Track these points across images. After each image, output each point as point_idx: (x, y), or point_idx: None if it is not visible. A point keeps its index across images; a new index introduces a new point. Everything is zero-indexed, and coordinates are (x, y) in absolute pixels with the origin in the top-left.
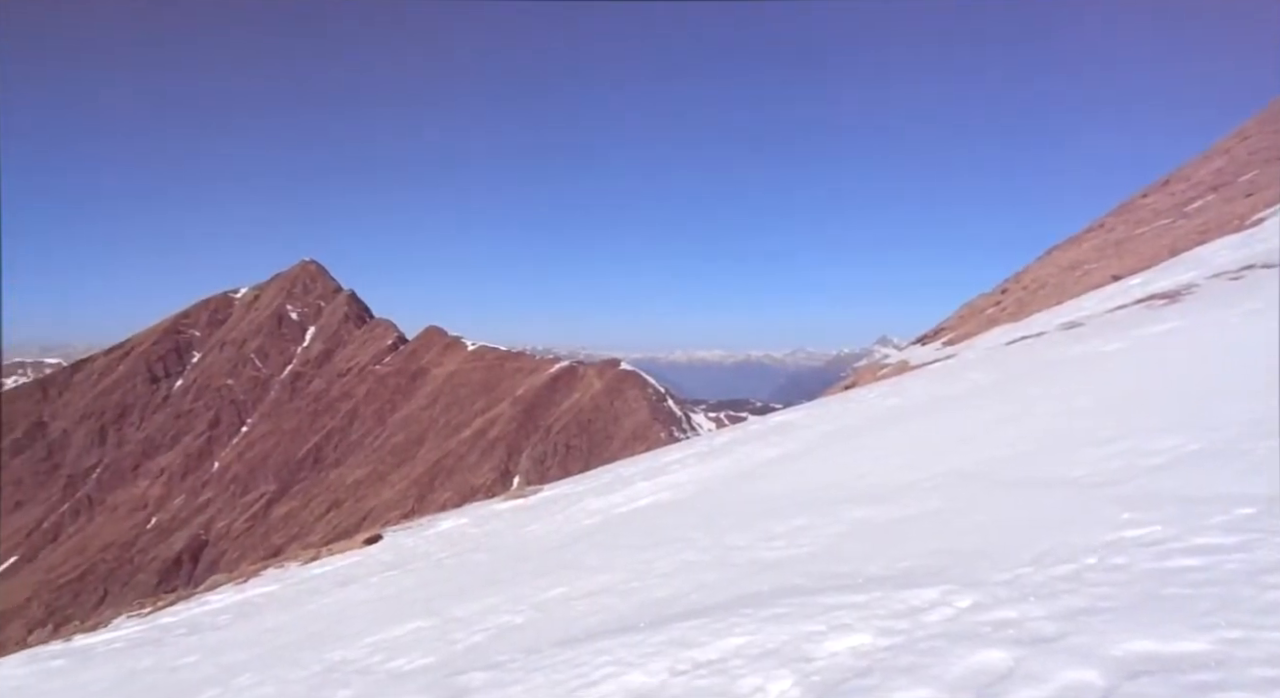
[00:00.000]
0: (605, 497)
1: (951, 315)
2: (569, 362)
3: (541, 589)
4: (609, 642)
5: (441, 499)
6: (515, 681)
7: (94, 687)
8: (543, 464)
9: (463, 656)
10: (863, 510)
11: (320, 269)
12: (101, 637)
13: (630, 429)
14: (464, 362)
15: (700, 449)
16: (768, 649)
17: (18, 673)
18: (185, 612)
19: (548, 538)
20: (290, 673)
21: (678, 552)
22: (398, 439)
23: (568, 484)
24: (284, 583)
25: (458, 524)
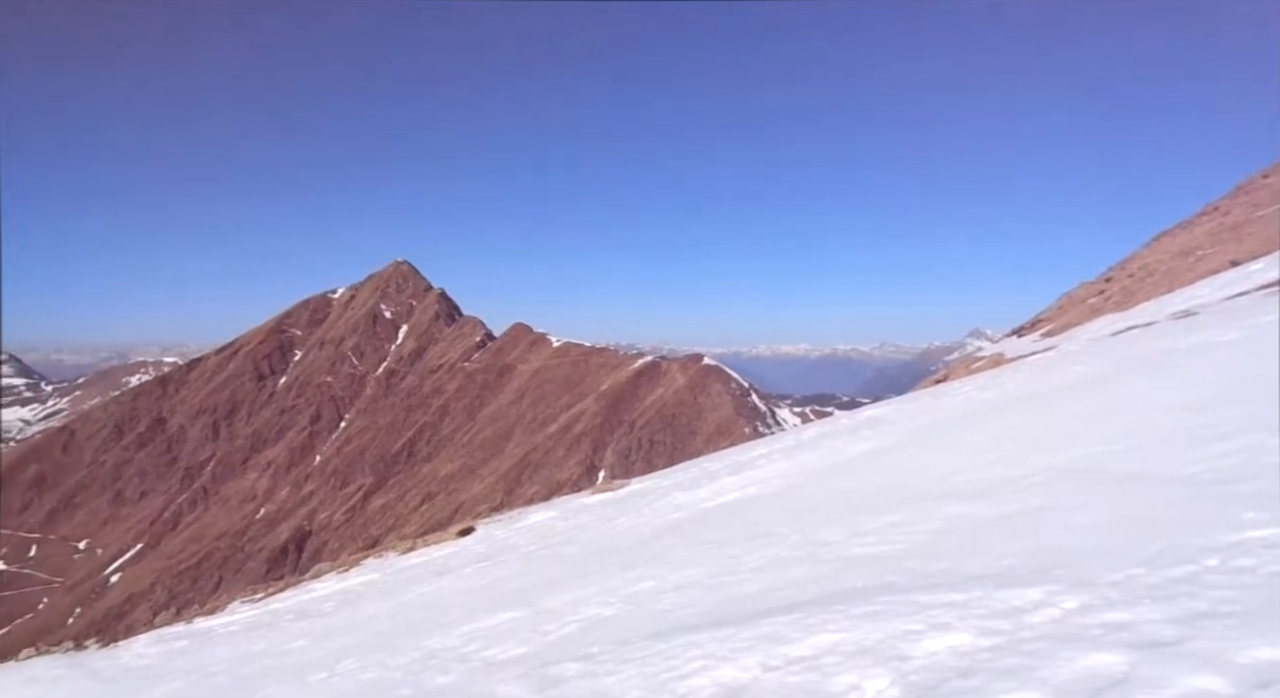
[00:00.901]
0: (692, 491)
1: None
2: (652, 357)
3: (630, 582)
4: (699, 635)
5: (529, 493)
6: (607, 672)
7: (214, 667)
8: (627, 459)
9: (555, 646)
10: (958, 507)
11: (412, 269)
12: (219, 620)
13: (714, 424)
14: (549, 358)
15: (787, 444)
16: (862, 647)
17: (147, 652)
18: (293, 598)
19: (635, 532)
20: (391, 659)
21: (766, 547)
22: (486, 434)
23: (654, 479)
24: (383, 572)
25: (547, 517)
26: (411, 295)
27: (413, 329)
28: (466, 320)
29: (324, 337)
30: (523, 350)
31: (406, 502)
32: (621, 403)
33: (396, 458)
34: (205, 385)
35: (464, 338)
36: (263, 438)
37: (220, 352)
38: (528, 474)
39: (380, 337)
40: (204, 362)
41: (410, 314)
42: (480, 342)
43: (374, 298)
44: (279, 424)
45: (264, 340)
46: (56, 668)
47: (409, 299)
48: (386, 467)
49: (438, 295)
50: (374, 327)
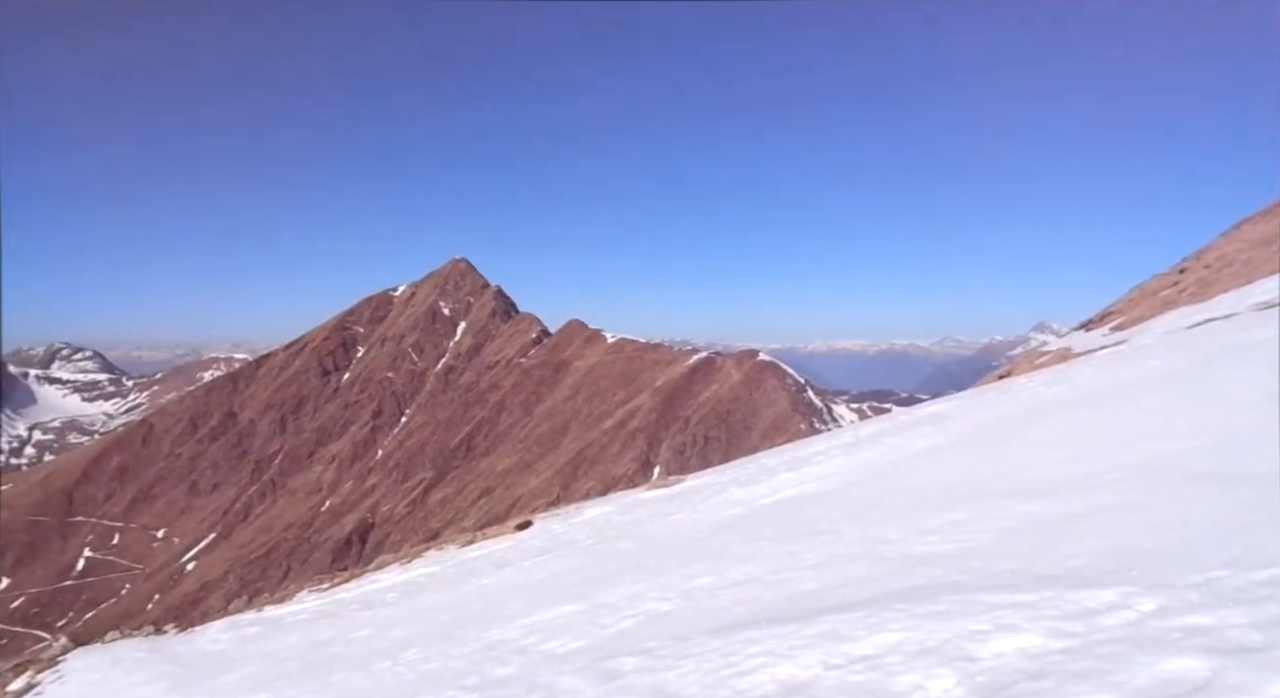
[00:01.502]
0: (749, 487)
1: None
2: (707, 353)
3: (688, 578)
4: (758, 633)
5: (585, 488)
6: (666, 667)
7: (284, 653)
8: (682, 455)
9: (613, 640)
10: (1026, 505)
11: (469, 266)
12: (289, 609)
13: (770, 420)
14: (604, 354)
15: (845, 440)
16: (926, 647)
17: (221, 638)
18: (358, 589)
19: (692, 527)
20: (453, 649)
21: (825, 544)
22: (542, 430)
23: (710, 475)
24: (444, 565)
25: (603, 512)
26: (469, 293)
27: (470, 326)
28: (522, 317)
29: (385, 334)
30: (578, 347)
31: (465, 496)
32: (676, 399)
33: (455, 453)
34: (273, 381)
35: (520, 334)
36: (328, 432)
37: (287, 348)
38: (583, 470)
39: (439, 333)
40: (272, 358)
41: (468, 311)
42: (536, 338)
43: (433, 295)
44: (343, 419)
45: (328, 337)
46: (138, 651)
47: (467, 296)
48: (446, 461)
49: (494, 292)
50: (433, 323)
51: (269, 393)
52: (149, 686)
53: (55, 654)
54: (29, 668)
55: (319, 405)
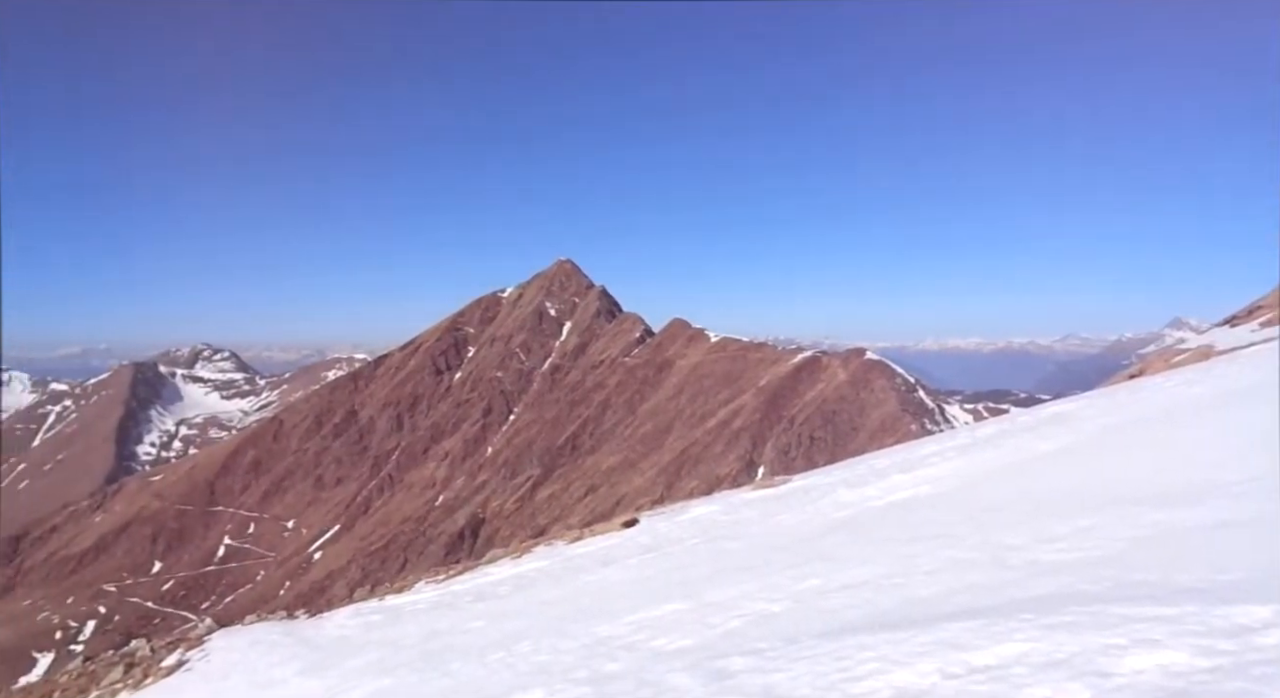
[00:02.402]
0: (858, 489)
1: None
2: (812, 352)
3: (796, 579)
4: (871, 637)
5: (688, 487)
6: (776, 668)
7: (404, 641)
8: (787, 455)
9: (722, 640)
10: (1162, 513)
11: (574, 267)
12: (407, 598)
13: (878, 421)
14: (708, 353)
15: (961, 441)
16: (1054, 659)
17: (348, 624)
18: (471, 581)
19: (800, 528)
20: (563, 643)
21: (942, 548)
22: (646, 428)
23: (817, 475)
24: (553, 560)
25: (709, 511)
26: (574, 293)
27: (575, 326)
28: (626, 317)
29: (494, 334)
30: (681, 346)
31: (571, 493)
32: (781, 398)
33: (561, 451)
34: (390, 380)
35: (624, 334)
36: (441, 429)
37: (403, 349)
38: (687, 469)
39: (545, 333)
40: (389, 358)
41: (573, 311)
42: (640, 337)
43: (539, 296)
44: (455, 417)
45: (441, 338)
46: (273, 634)
47: (572, 297)
48: (552, 459)
49: (599, 293)
50: (539, 324)
51: (387, 391)
52: (283, 666)
53: (201, 634)
54: (180, 646)
55: (433, 404)
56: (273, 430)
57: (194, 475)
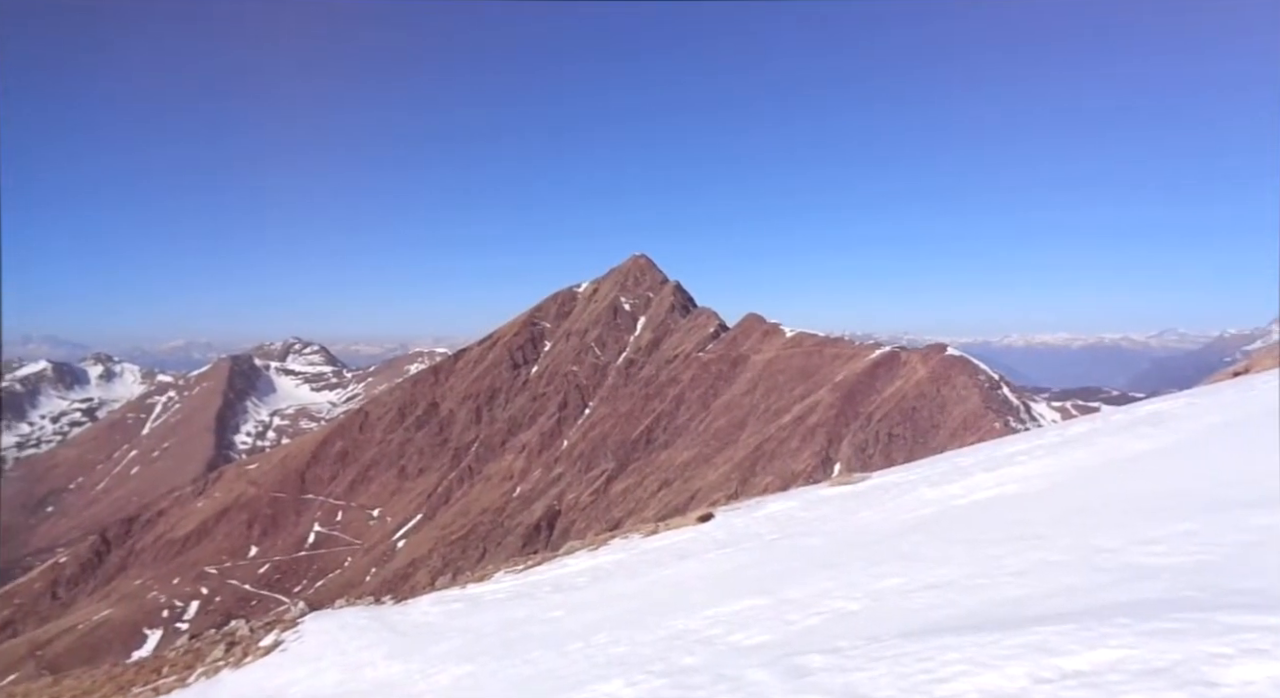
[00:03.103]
0: (941, 487)
1: None
2: (890, 347)
3: (876, 577)
4: (957, 639)
5: (763, 483)
6: (857, 667)
7: (484, 629)
8: (864, 452)
9: (800, 637)
10: (1272, 518)
11: (649, 262)
12: (487, 587)
13: (959, 418)
14: (783, 348)
15: (1050, 440)
16: (1154, 667)
17: (431, 611)
18: (549, 572)
19: (880, 526)
20: (640, 636)
21: (1030, 549)
22: (720, 423)
23: (897, 473)
24: (629, 553)
25: (786, 507)
26: (649, 288)
27: (650, 321)
28: (701, 312)
29: (570, 328)
30: (756, 341)
31: (645, 487)
32: (858, 394)
33: (636, 445)
34: (470, 373)
35: (698, 329)
36: (518, 422)
37: (482, 343)
38: (761, 464)
39: (620, 328)
40: (469, 352)
41: (648, 306)
42: (714, 332)
43: (614, 291)
44: (531, 410)
45: (518, 332)
46: (361, 618)
47: (646, 292)
48: (627, 453)
49: (673, 288)
50: (614, 318)
51: (466, 384)
52: (371, 649)
53: (295, 617)
54: (276, 627)
55: (510, 397)
56: (358, 422)
57: (286, 464)
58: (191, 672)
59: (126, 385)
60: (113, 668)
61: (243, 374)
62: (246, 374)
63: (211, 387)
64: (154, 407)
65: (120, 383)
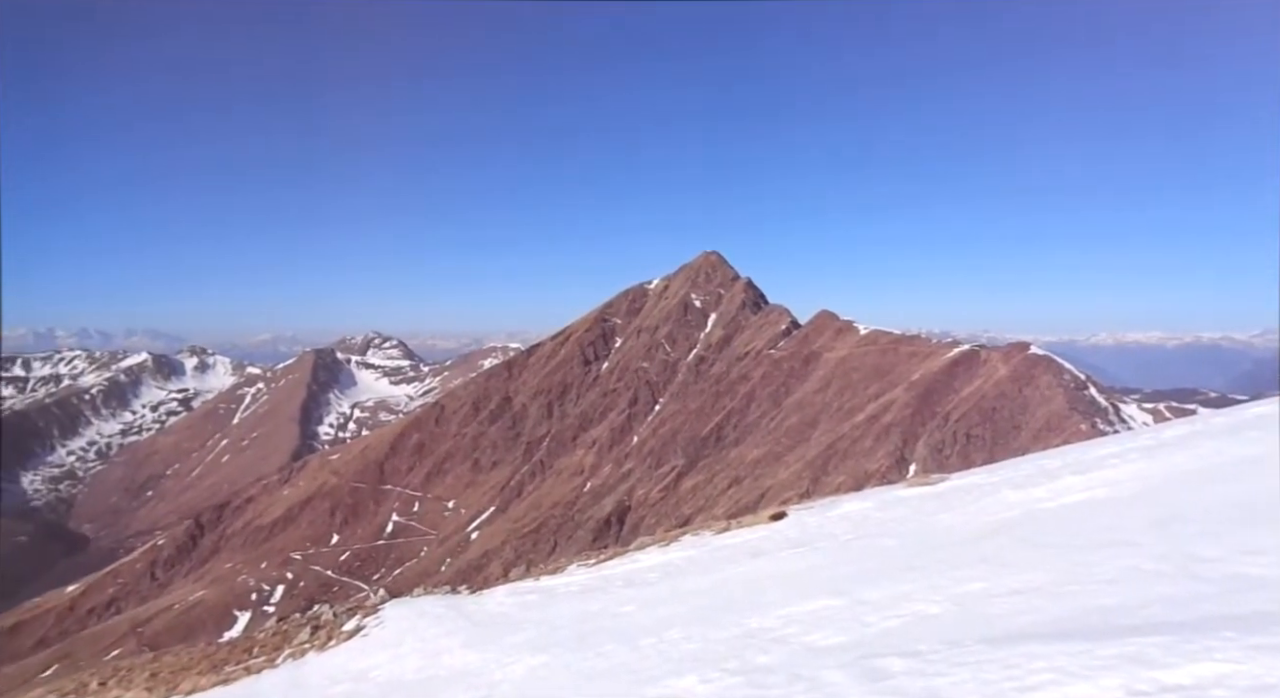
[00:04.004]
0: (1025, 490)
1: None
2: (969, 345)
3: (958, 581)
4: (1044, 647)
5: (835, 482)
6: (938, 673)
7: (558, 621)
8: (940, 453)
9: (877, 639)
10: None
11: (720, 259)
12: (561, 580)
13: (1043, 419)
14: (856, 346)
15: (1144, 442)
16: (1264, 683)
17: (505, 601)
18: (621, 567)
19: (960, 529)
20: (713, 633)
21: (1122, 557)
22: (791, 421)
23: (978, 474)
24: (701, 550)
25: (861, 508)
26: (720, 285)
27: (721, 317)
28: (772, 309)
29: (640, 325)
30: (828, 338)
31: (715, 484)
32: (934, 394)
33: (706, 442)
34: (542, 369)
35: (770, 326)
36: (588, 418)
37: (554, 339)
38: (834, 463)
39: (691, 325)
40: (541, 348)
41: (718, 303)
42: (786, 329)
43: (685, 288)
44: (602, 406)
45: (589, 329)
46: (439, 607)
47: (717, 288)
48: (696, 450)
49: (744, 284)
50: (685, 315)
51: (538, 380)
52: (449, 637)
53: (376, 603)
54: (358, 613)
55: (581, 392)
56: (434, 415)
57: (366, 455)
58: (280, 653)
59: (219, 377)
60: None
61: (326, 367)
62: (329, 367)
63: (297, 379)
64: (244, 397)
65: (213, 374)
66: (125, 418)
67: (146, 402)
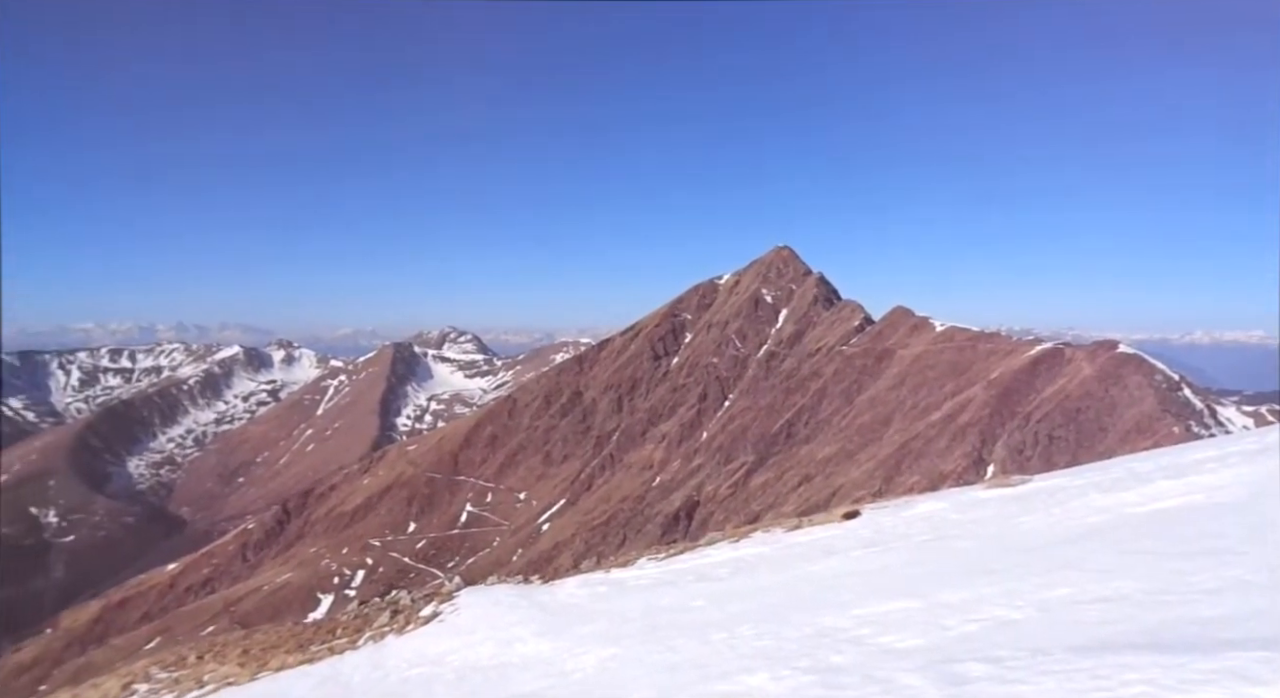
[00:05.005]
0: (1114, 493)
1: None
2: (1052, 343)
3: (1042, 587)
4: (1137, 658)
5: (909, 482)
6: (1020, 680)
7: (628, 613)
8: (1020, 454)
9: (956, 643)
10: None
11: (792, 254)
12: (631, 573)
13: (1132, 421)
14: (932, 343)
15: (1247, 446)
16: None
17: (577, 593)
18: (691, 561)
19: (1044, 532)
20: (785, 631)
21: (1223, 566)
22: (864, 419)
23: (1062, 476)
24: (772, 547)
25: (938, 508)
26: (791, 280)
27: (792, 313)
28: (845, 304)
29: (710, 320)
30: (903, 335)
31: (785, 481)
32: (1014, 393)
33: (775, 438)
34: (612, 363)
35: (842, 322)
36: (658, 413)
37: (624, 334)
38: (908, 463)
39: (761, 320)
40: (611, 343)
41: (790, 298)
42: (859, 326)
43: (755, 283)
44: (671, 401)
45: (659, 324)
46: (511, 595)
47: (789, 284)
48: (766, 446)
49: (816, 280)
50: (755, 310)
51: (608, 374)
52: (522, 626)
53: (451, 591)
54: (434, 599)
55: (651, 387)
56: (507, 408)
57: (441, 447)
58: (361, 635)
59: (304, 369)
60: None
61: (404, 361)
62: (407, 361)
63: (376, 372)
64: (327, 389)
65: (299, 367)
66: (219, 408)
67: (238, 392)
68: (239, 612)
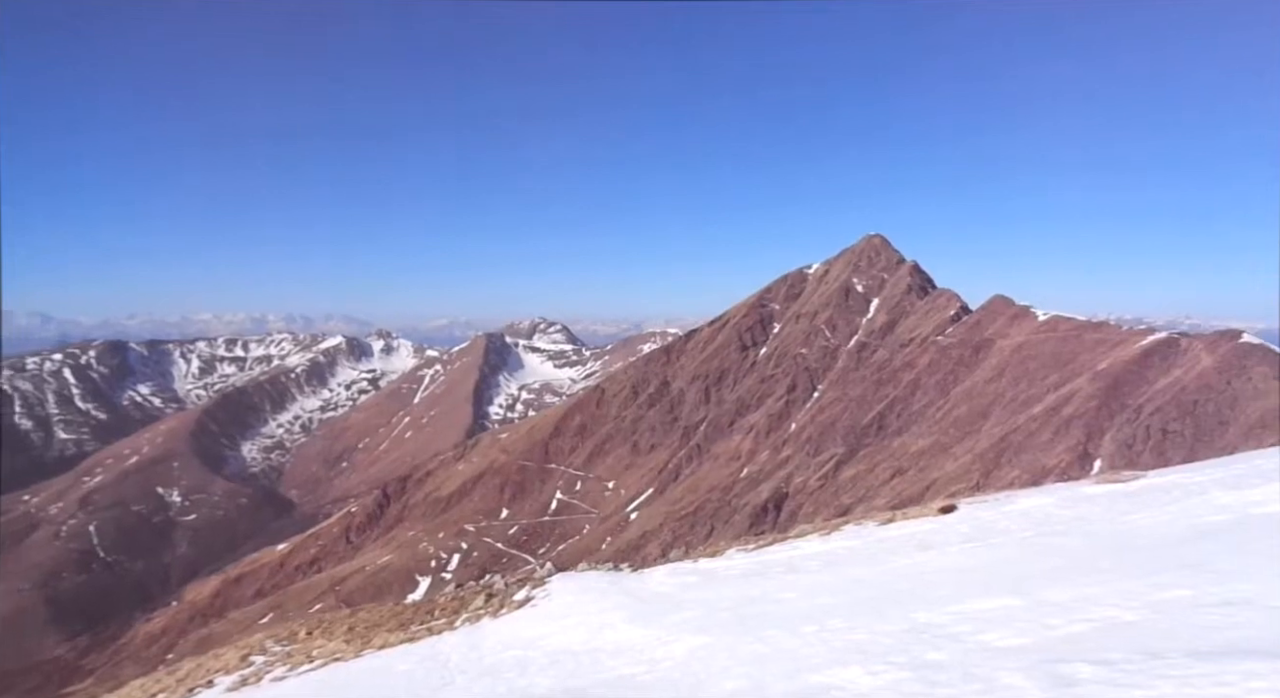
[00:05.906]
0: (1239, 491)
1: None
2: (1166, 333)
3: (1156, 587)
4: (1262, 664)
5: (1008, 477)
6: (1134, 684)
7: (718, 603)
8: (1130, 449)
9: (1062, 643)
10: None
11: (884, 242)
12: (720, 563)
13: (1256, 415)
14: (1034, 333)
15: None
16: None
17: (666, 581)
18: (781, 553)
19: (1158, 531)
20: (878, 625)
21: None
22: (960, 412)
23: (1180, 473)
24: (864, 540)
25: (1041, 503)
26: (883, 269)
27: (884, 303)
28: (940, 293)
29: (799, 310)
30: (1003, 324)
31: (876, 474)
32: (1124, 385)
33: (866, 430)
34: (699, 354)
35: (937, 311)
36: (745, 404)
37: (712, 324)
38: (1007, 456)
39: (851, 310)
40: (699, 333)
41: (881, 288)
42: (955, 315)
43: (846, 272)
44: (759, 392)
45: (747, 314)
46: (601, 582)
47: (880, 273)
48: (857, 438)
49: (910, 268)
50: (845, 300)
51: (696, 365)
52: (612, 612)
53: (543, 576)
54: (527, 584)
55: (738, 378)
56: (596, 398)
57: (532, 435)
58: (458, 617)
59: (402, 358)
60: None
61: (496, 351)
62: (499, 351)
63: (470, 362)
64: (423, 378)
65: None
66: (324, 395)
67: (341, 380)
68: (344, 591)
